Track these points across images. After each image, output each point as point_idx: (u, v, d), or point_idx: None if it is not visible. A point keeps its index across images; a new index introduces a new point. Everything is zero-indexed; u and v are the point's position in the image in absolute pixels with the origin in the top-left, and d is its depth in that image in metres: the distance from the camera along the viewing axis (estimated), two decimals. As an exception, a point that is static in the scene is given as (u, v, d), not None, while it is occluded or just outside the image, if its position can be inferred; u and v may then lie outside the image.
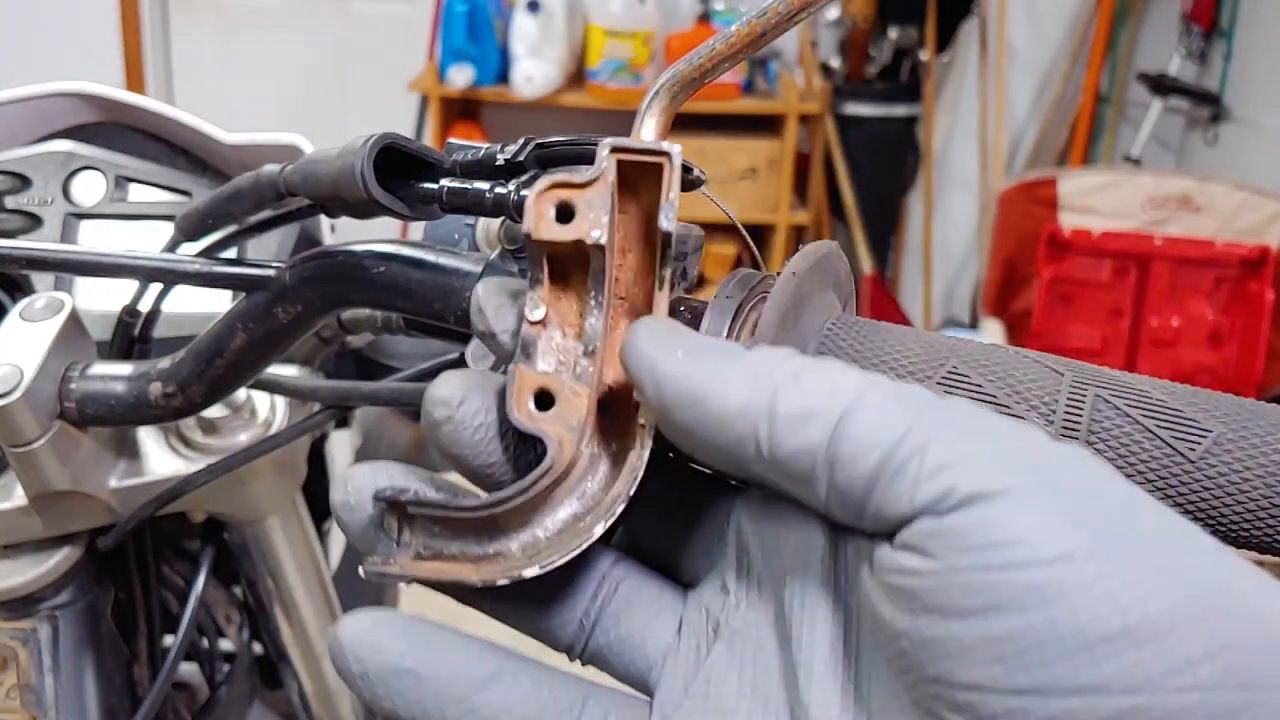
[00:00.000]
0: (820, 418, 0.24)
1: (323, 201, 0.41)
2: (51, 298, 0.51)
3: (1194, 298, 2.58)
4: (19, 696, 0.58)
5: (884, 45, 3.09)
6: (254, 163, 0.54)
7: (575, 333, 0.30)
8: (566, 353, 0.30)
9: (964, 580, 0.22)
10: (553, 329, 0.30)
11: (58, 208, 0.64)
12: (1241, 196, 2.53)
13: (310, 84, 3.44)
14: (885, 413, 0.24)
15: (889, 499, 0.23)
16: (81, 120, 0.67)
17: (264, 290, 0.44)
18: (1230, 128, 2.97)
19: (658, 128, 0.42)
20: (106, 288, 0.59)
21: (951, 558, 0.22)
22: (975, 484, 0.22)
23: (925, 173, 3.31)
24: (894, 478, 0.23)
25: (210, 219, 0.47)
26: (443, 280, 0.40)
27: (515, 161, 0.38)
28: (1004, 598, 0.21)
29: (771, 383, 0.25)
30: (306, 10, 3.41)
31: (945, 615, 0.22)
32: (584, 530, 0.28)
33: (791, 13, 0.39)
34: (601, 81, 2.95)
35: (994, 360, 0.31)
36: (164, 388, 0.48)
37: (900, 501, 0.23)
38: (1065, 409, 0.31)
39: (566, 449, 0.28)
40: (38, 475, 0.49)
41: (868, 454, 0.23)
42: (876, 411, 0.24)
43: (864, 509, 0.24)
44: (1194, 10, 3.06)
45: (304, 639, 0.74)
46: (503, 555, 0.28)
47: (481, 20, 2.91)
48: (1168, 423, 0.30)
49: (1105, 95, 3.34)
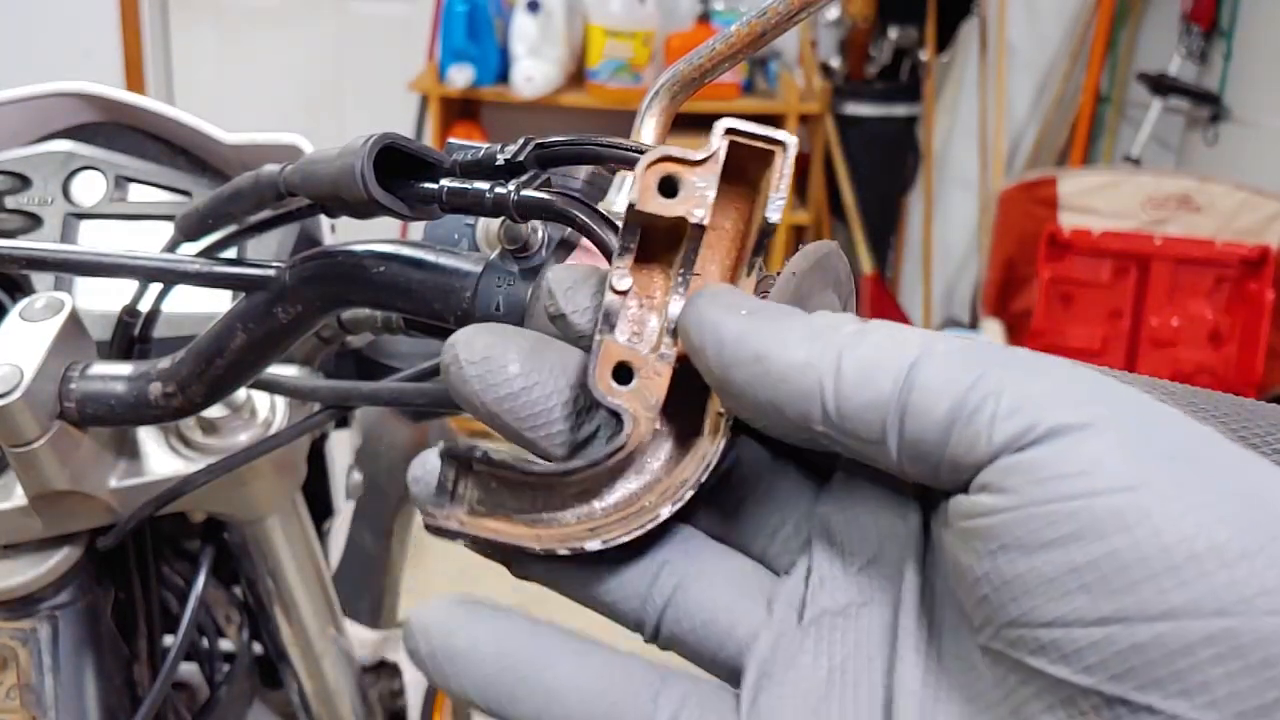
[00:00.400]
0: (888, 370, 0.24)
1: (323, 201, 0.41)
2: (51, 298, 0.51)
3: (1194, 298, 2.58)
4: (19, 696, 0.58)
5: (884, 45, 3.09)
6: (254, 163, 0.54)
7: (657, 310, 0.30)
8: (646, 329, 0.30)
9: (1044, 511, 0.21)
10: (633, 303, 0.30)
11: (58, 208, 0.64)
12: (1241, 196, 2.53)
13: (310, 84, 3.44)
14: (954, 361, 0.23)
15: (964, 445, 0.23)
16: (81, 120, 0.67)
17: (264, 290, 0.44)
18: (1230, 128, 2.97)
19: (658, 128, 0.42)
20: (106, 288, 0.59)
21: (1030, 490, 0.21)
22: (1051, 419, 0.22)
23: (925, 173, 3.31)
24: (968, 422, 0.22)
25: (210, 219, 0.47)
26: (443, 280, 0.40)
27: (515, 161, 0.38)
28: (1085, 525, 0.21)
29: (836, 339, 0.25)
30: (306, 10, 3.41)
31: (1026, 550, 0.21)
32: (648, 510, 0.28)
33: (791, 13, 0.39)
34: (601, 81, 2.95)
35: (994, 360, 0.31)
36: (164, 388, 0.48)
37: (976, 446, 0.22)
38: (1065, 409, 0.31)
39: (642, 426, 0.28)
40: (38, 475, 0.49)
41: (939, 402, 0.23)
42: (944, 360, 0.23)
43: (939, 461, 0.23)
44: (1194, 10, 3.06)
45: (304, 639, 0.74)
46: (558, 523, 0.28)
47: (481, 20, 2.91)
48: (1168, 423, 0.30)
49: (1105, 95, 3.34)
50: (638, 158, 0.38)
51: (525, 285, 0.39)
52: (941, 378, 0.23)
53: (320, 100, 3.44)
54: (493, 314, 0.39)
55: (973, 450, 0.23)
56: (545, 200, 0.36)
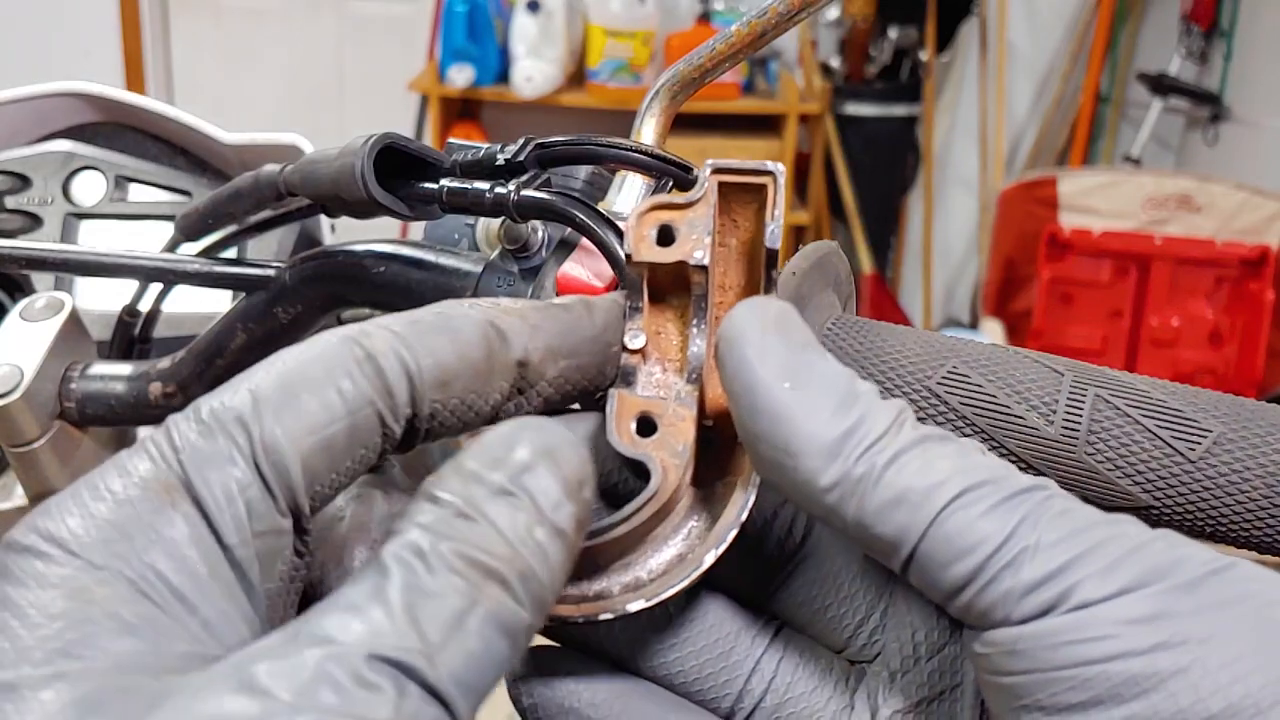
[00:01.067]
0: (914, 509, 0.24)
1: (323, 201, 0.41)
2: (51, 298, 0.51)
3: (1194, 298, 2.58)
4: None
5: (884, 45, 3.09)
6: (254, 163, 0.54)
7: (676, 359, 0.29)
8: (667, 381, 0.29)
9: (1065, 676, 0.22)
10: (652, 357, 0.29)
11: (58, 208, 0.64)
12: (1241, 196, 2.53)
13: (310, 84, 3.44)
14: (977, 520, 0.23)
15: (985, 603, 0.23)
16: (81, 120, 0.67)
17: (264, 290, 0.44)
18: (1230, 128, 2.97)
19: (658, 127, 0.42)
20: (106, 288, 0.58)
21: (1051, 656, 0.22)
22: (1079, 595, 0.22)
23: (925, 173, 3.31)
24: (992, 584, 0.23)
25: (210, 219, 0.47)
26: (443, 280, 0.40)
27: (515, 161, 0.38)
28: (1104, 691, 0.21)
29: (869, 462, 0.24)
30: (306, 10, 3.41)
31: (1048, 713, 0.22)
32: (692, 561, 0.27)
33: (791, 13, 0.39)
34: (601, 81, 2.95)
35: (994, 360, 0.31)
36: (164, 388, 0.48)
37: (1000, 609, 0.23)
38: (1065, 409, 0.31)
39: (671, 475, 0.28)
40: (38, 475, 0.49)
41: (962, 561, 0.23)
42: (973, 511, 0.23)
43: (950, 602, 0.24)
44: (1194, 10, 3.06)
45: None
46: (603, 596, 0.27)
47: (481, 20, 2.91)
48: (1168, 423, 0.30)
49: (1105, 95, 3.34)
50: (638, 158, 0.38)
51: (525, 285, 0.39)
52: (968, 533, 0.23)
53: (320, 100, 3.44)
54: (493, 314, 0.39)
55: (994, 612, 0.23)
56: (545, 200, 0.36)
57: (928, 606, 0.28)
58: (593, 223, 0.36)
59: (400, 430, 0.24)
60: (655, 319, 0.29)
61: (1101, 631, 0.22)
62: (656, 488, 0.27)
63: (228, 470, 0.22)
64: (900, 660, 0.28)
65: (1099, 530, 0.23)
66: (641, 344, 0.29)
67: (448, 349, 0.25)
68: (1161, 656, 0.21)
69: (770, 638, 0.29)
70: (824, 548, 0.30)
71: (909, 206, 3.44)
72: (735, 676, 0.29)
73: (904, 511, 0.24)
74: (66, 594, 0.21)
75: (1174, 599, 0.22)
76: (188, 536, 0.22)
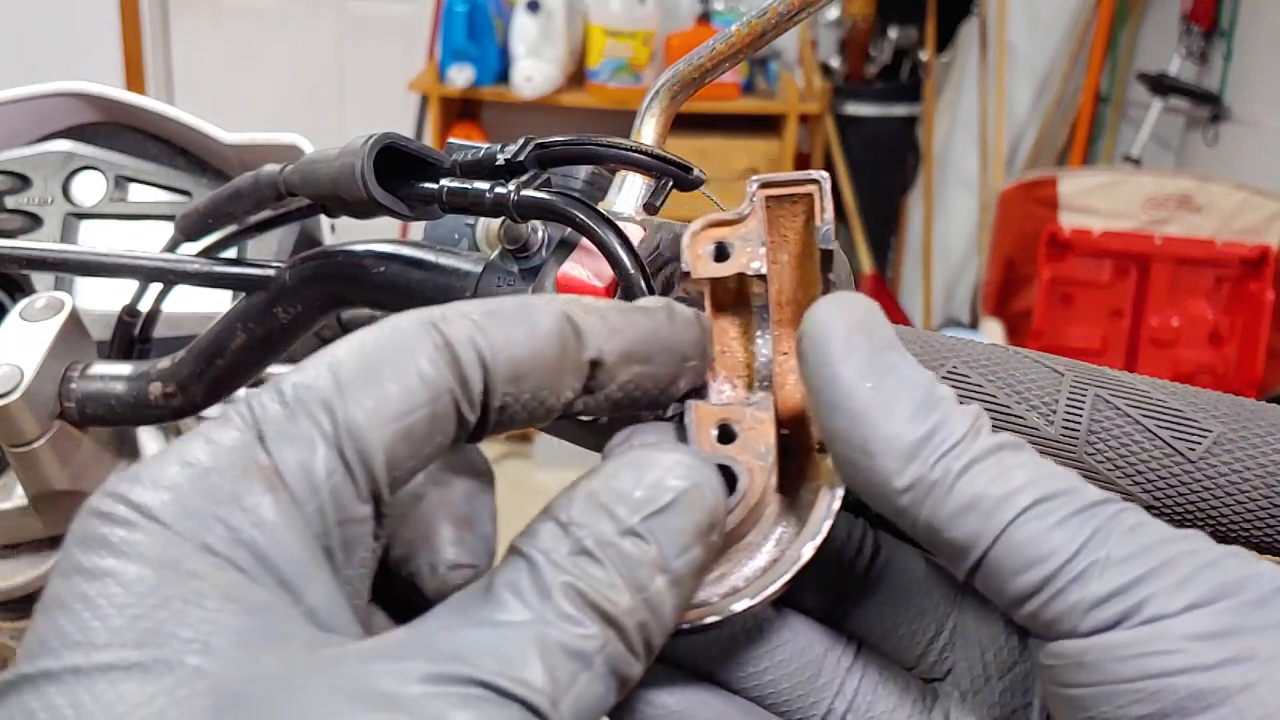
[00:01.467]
0: (986, 516, 0.24)
1: (323, 201, 0.41)
2: (51, 298, 0.51)
3: (1194, 298, 2.58)
4: None
5: (884, 45, 3.09)
6: (254, 163, 0.54)
7: (743, 374, 0.30)
8: (736, 396, 0.30)
9: (1129, 690, 0.22)
10: (720, 375, 0.30)
11: (58, 208, 0.64)
12: (1241, 196, 2.53)
13: (310, 84, 3.44)
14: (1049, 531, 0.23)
15: (1054, 613, 0.23)
16: (81, 120, 0.67)
17: (264, 290, 0.44)
18: (1230, 128, 2.97)
19: (658, 128, 0.42)
20: (106, 288, 0.58)
21: (1115, 668, 0.22)
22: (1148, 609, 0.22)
23: (925, 173, 3.31)
24: (1061, 595, 0.23)
25: (210, 219, 0.47)
26: (443, 280, 0.40)
27: (515, 161, 0.38)
28: (1170, 705, 0.22)
29: (944, 467, 0.24)
30: (307, 10, 3.41)
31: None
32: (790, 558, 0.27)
33: (791, 13, 0.39)
34: (601, 81, 2.95)
35: (994, 360, 0.31)
36: (164, 388, 0.48)
37: (1068, 620, 0.23)
38: (1065, 409, 0.31)
39: (758, 477, 0.28)
40: (38, 475, 0.49)
41: (1033, 570, 0.23)
42: (1041, 526, 0.24)
43: (1016, 610, 0.24)
44: (1194, 10, 3.06)
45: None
46: (701, 604, 0.27)
47: (481, 20, 2.91)
48: (1168, 423, 0.30)
49: (1105, 95, 3.34)
50: (638, 158, 0.38)
51: (525, 285, 0.39)
52: (1039, 543, 0.23)
53: (320, 100, 3.44)
54: (493, 314, 0.39)
55: (1062, 622, 0.23)
56: (545, 200, 0.36)
57: (995, 626, 0.29)
58: (593, 223, 0.36)
59: (475, 419, 0.24)
60: (717, 337, 0.30)
61: (1169, 645, 0.22)
62: (745, 489, 0.27)
63: (313, 454, 0.22)
64: (970, 680, 0.28)
65: (1170, 546, 0.23)
66: (710, 359, 0.30)
67: (523, 343, 0.24)
68: (1229, 672, 0.21)
69: (853, 657, 0.29)
70: (893, 566, 0.30)
71: (909, 206, 3.44)
72: (822, 697, 0.29)
73: (975, 518, 0.24)
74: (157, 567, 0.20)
75: (1243, 615, 0.22)
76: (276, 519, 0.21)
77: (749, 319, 0.30)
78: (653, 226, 0.38)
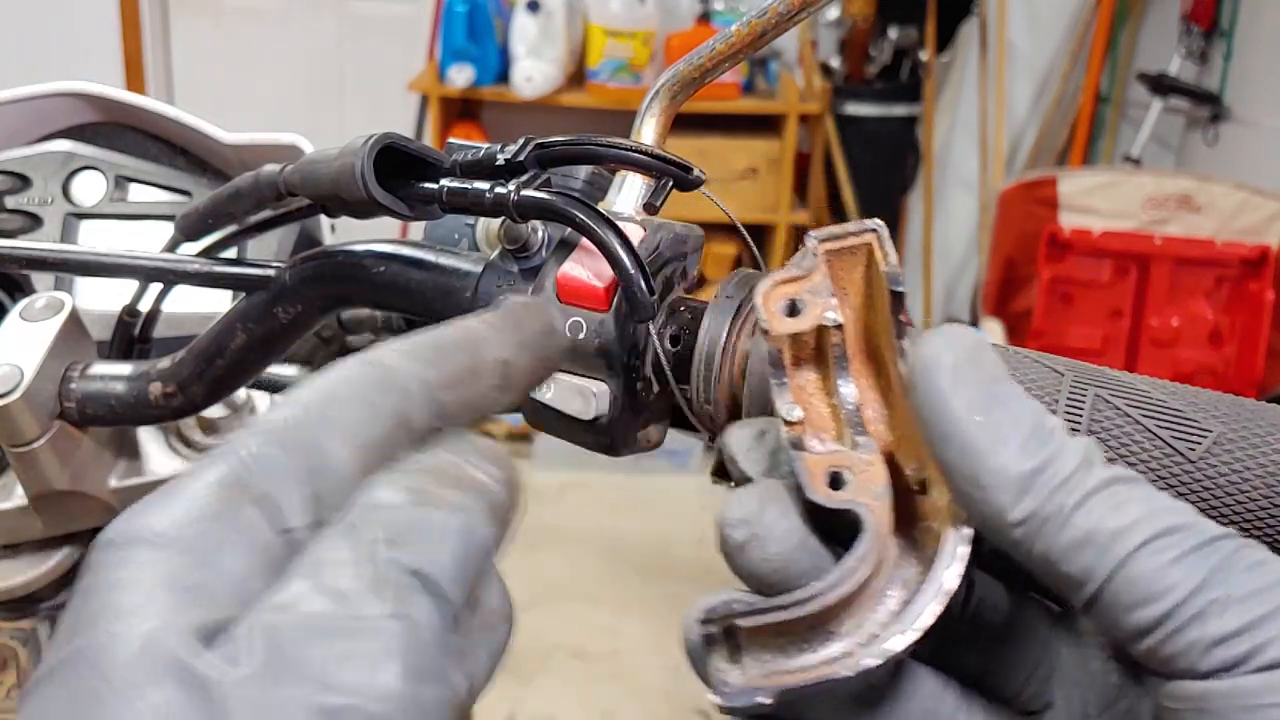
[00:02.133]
0: (1102, 552, 0.24)
1: (323, 201, 0.41)
2: (51, 298, 0.51)
3: (1194, 298, 2.58)
4: (19, 697, 0.58)
5: (884, 45, 3.09)
6: (254, 163, 0.54)
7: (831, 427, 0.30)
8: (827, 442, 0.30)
9: None
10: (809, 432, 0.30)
11: (58, 208, 0.64)
12: (1241, 196, 2.53)
13: (310, 84, 3.44)
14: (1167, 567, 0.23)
15: (1171, 651, 0.23)
16: (81, 120, 0.67)
17: (264, 290, 0.44)
18: (1230, 128, 2.97)
19: (658, 128, 0.42)
20: (106, 288, 0.58)
21: (1239, 717, 0.22)
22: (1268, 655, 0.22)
23: (925, 173, 3.31)
24: (1180, 633, 0.23)
25: (210, 219, 0.47)
26: (443, 280, 0.40)
27: (515, 161, 0.38)
28: None
29: (1059, 501, 0.24)
30: (307, 10, 3.41)
31: None
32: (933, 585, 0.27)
33: (791, 13, 0.39)
34: (601, 81, 2.95)
35: (994, 360, 0.31)
36: (164, 388, 0.48)
37: (1186, 658, 0.23)
38: (1066, 409, 0.31)
39: (882, 516, 0.28)
40: (38, 475, 0.49)
41: (1150, 606, 0.23)
42: (1159, 562, 0.23)
43: (1133, 645, 0.24)
44: (1194, 10, 3.06)
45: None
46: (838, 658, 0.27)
47: (481, 20, 2.91)
48: (1168, 423, 0.30)
49: (1105, 95, 3.34)
50: (638, 158, 0.38)
51: (525, 285, 0.39)
52: (1157, 579, 0.23)
53: (320, 100, 3.44)
54: (493, 314, 0.39)
55: (1179, 660, 0.23)
56: (545, 200, 0.36)
57: (1094, 663, 0.29)
58: (593, 223, 0.36)
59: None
60: (797, 395, 0.30)
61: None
62: (874, 527, 0.27)
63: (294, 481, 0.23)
64: (1068, 717, 0.28)
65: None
66: (800, 416, 0.30)
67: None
68: None
69: (959, 697, 0.29)
70: (985, 602, 0.30)
71: (909, 206, 3.44)
72: None
73: (1091, 553, 0.24)
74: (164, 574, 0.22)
75: None
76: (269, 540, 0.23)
77: (826, 372, 0.30)
78: (653, 226, 0.38)
